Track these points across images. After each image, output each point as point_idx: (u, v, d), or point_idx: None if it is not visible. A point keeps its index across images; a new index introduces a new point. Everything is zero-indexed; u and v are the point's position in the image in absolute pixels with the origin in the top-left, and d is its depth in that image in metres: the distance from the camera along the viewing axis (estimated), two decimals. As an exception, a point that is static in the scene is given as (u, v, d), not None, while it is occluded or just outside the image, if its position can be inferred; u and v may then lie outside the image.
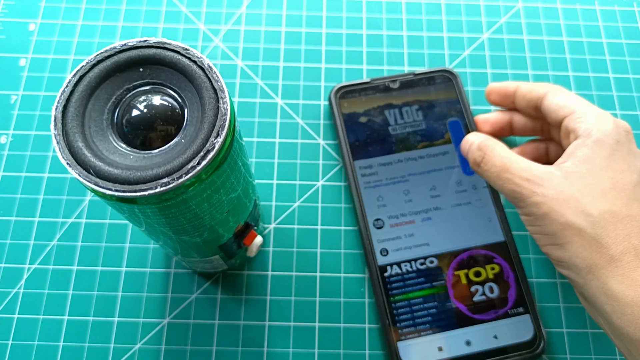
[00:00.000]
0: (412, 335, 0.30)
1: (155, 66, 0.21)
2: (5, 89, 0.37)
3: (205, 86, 0.20)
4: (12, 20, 0.39)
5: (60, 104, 0.20)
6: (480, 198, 0.33)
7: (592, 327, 0.32)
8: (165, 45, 0.21)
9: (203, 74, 0.20)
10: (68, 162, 0.19)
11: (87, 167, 0.19)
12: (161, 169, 0.18)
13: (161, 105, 0.20)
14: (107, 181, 0.18)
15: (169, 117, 0.20)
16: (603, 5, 0.41)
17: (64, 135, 0.19)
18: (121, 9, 0.39)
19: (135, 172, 0.18)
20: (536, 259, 0.33)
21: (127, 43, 0.21)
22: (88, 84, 0.20)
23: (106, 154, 0.19)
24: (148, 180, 0.18)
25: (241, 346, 0.31)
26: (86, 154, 0.19)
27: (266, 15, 0.40)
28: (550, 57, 0.39)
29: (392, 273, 0.32)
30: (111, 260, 0.33)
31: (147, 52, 0.20)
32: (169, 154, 0.19)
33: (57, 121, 0.19)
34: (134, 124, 0.20)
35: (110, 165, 0.19)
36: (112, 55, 0.20)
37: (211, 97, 0.20)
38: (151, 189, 0.18)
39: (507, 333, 0.30)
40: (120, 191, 0.18)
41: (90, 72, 0.20)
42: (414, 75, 0.36)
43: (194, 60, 0.20)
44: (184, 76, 0.20)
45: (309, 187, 0.35)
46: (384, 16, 0.40)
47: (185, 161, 0.19)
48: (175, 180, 0.18)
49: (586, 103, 0.29)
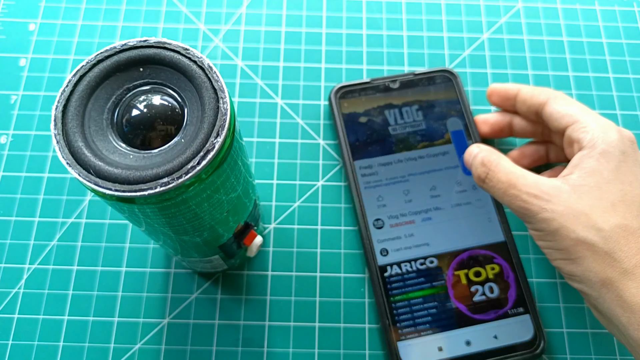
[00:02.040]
0: (412, 335, 0.30)
1: (156, 66, 0.21)
2: (5, 89, 0.37)
3: (205, 86, 0.20)
4: (12, 20, 0.39)
5: (60, 104, 0.19)
6: (480, 198, 0.33)
7: (592, 327, 0.32)
8: (165, 45, 0.21)
9: (203, 74, 0.20)
10: (68, 162, 0.19)
11: (87, 167, 0.19)
12: (161, 169, 0.18)
13: (161, 105, 0.20)
14: (107, 181, 0.18)
15: (169, 116, 0.20)
16: (603, 5, 0.41)
17: (64, 135, 0.19)
18: (121, 9, 0.39)
19: (135, 171, 0.18)
20: (536, 259, 0.33)
21: (127, 43, 0.21)
22: (88, 83, 0.20)
23: (106, 153, 0.19)
24: (148, 180, 0.18)
25: (241, 346, 0.31)
26: (86, 153, 0.19)
27: (266, 15, 0.40)
28: (550, 57, 0.39)
29: (392, 273, 0.32)
30: (111, 260, 0.33)
31: (147, 52, 0.20)
32: (168, 154, 0.19)
33: (57, 121, 0.19)
34: (133, 123, 0.20)
35: (110, 165, 0.19)
36: (112, 55, 0.20)
37: (211, 97, 0.20)
38: (151, 188, 0.18)
39: (507, 333, 0.30)
40: (120, 191, 0.18)
41: (91, 72, 0.20)
42: (414, 75, 0.36)
43: (194, 60, 0.20)
44: (184, 76, 0.20)
45: (309, 187, 0.35)
46: (384, 16, 0.40)
47: (185, 161, 0.18)
48: (175, 180, 0.18)
49: (589, 111, 0.28)
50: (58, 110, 0.19)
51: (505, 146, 0.36)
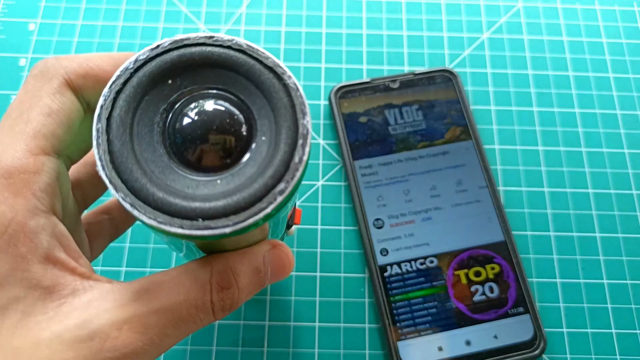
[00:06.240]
0: (412, 335, 0.30)
1: (221, 70, 0.17)
2: (5, 89, 0.37)
3: (283, 104, 0.16)
4: (12, 20, 0.39)
5: (103, 115, 0.16)
6: (480, 198, 0.33)
7: (592, 327, 0.32)
8: (240, 47, 0.17)
9: (282, 88, 0.17)
10: (122, 196, 0.15)
11: (144, 197, 0.15)
12: (230, 201, 0.15)
13: (227, 117, 0.16)
14: (167, 214, 0.15)
15: (236, 133, 0.16)
16: (603, 5, 0.41)
17: (110, 153, 0.16)
18: (121, 8, 0.39)
19: (202, 203, 0.15)
20: (536, 259, 0.33)
21: (188, 38, 0.17)
22: (136, 87, 0.16)
23: (160, 176, 0.16)
24: (215, 214, 0.15)
25: (241, 346, 0.31)
26: (140, 179, 0.15)
27: (266, 15, 0.40)
28: (550, 57, 0.39)
29: (392, 273, 0.32)
30: (111, 260, 0.33)
31: (214, 52, 0.17)
32: (237, 179, 0.16)
33: (100, 133, 0.16)
34: (191, 137, 0.16)
35: (171, 194, 0.15)
36: (163, 53, 0.17)
37: (288, 112, 0.16)
38: (220, 227, 0.15)
39: (507, 333, 0.30)
40: (187, 228, 0.15)
41: (135, 76, 0.17)
42: (414, 75, 0.36)
43: (277, 74, 0.17)
44: (257, 88, 0.17)
45: (309, 187, 0.35)
46: (384, 16, 0.40)
47: (260, 192, 0.15)
48: (253, 215, 0.15)
49: None
50: (102, 120, 0.16)
51: (507, 144, 0.36)
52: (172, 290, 0.17)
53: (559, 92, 0.38)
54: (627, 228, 0.34)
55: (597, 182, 0.35)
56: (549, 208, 0.34)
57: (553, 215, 0.34)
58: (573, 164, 0.36)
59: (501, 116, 0.37)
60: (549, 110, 0.37)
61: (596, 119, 0.37)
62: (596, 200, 0.35)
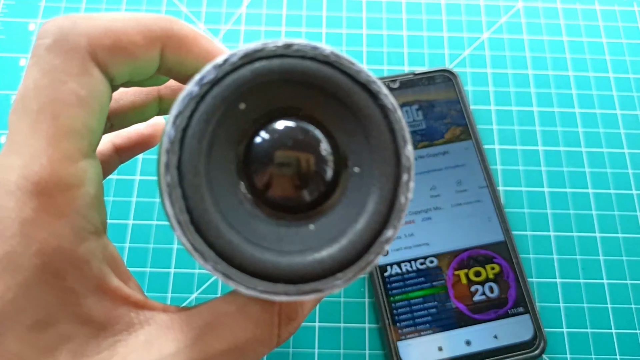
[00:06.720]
0: (412, 335, 0.30)
1: (303, 88, 0.14)
2: (5, 89, 0.37)
3: (379, 129, 0.14)
4: (12, 20, 0.39)
5: (172, 157, 0.12)
6: (480, 198, 0.33)
7: (592, 327, 0.32)
8: (327, 58, 0.14)
9: (380, 113, 0.14)
10: (214, 265, 0.12)
11: (239, 263, 0.12)
12: (336, 256, 0.13)
13: (315, 152, 0.14)
14: (267, 281, 0.13)
15: (325, 167, 0.14)
16: (603, 5, 0.41)
17: (189, 211, 0.12)
18: (121, 8, 0.39)
19: (301, 258, 0.13)
20: (536, 259, 0.33)
21: (261, 49, 0.13)
22: (206, 121, 0.13)
23: (245, 229, 0.13)
24: (321, 274, 0.13)
25: (241, 346, 0.31)
26: (232, 240, 0.12)
27: (266, 15, 0.40)
28: (550, 57, 0.39)
29: (392, 273, 0.32)
30: (111, 260, 0.33)
31: (297, 67, 0.14)
32: (332, 225, 0.13)
33: (170, 168, 0.12)
34: (278, 178, 0.13)
35: (264, 251, 0.13)
36: (233, 71, 0.13)
37: (388, 143, 0.14)
38: (329, 288, 0.13)
39: (507, 333, 0.30)
40: (293, 294, 0.13)
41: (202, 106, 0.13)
42: (414, 75, 0.36)
43: (371, 92, 0.14)
44: (347, 109, 0.14)
45: (309, 187, 0.35)
46: (384, 16, 0.40)
47: (367, 241, 0.13)
48: (358, 273, 0.13)
49: None
50: (170, 170, 0.12)
51: (507, 144, 0.36)
52: (239, 326, 0.15)
53: (559, 92, 0.38)
54: (627, 228, 0.34)
55: (597, 182, 0.35)
56: (549, 208, 0.34)
57: (553, 215, 0.34)
58: (573, 164, 0.36)
59: (501, 116, 0.37)
60: (549, 110, 0.37)
61: (596, 119, 0.37)
62: (596, 200, 0.35)
